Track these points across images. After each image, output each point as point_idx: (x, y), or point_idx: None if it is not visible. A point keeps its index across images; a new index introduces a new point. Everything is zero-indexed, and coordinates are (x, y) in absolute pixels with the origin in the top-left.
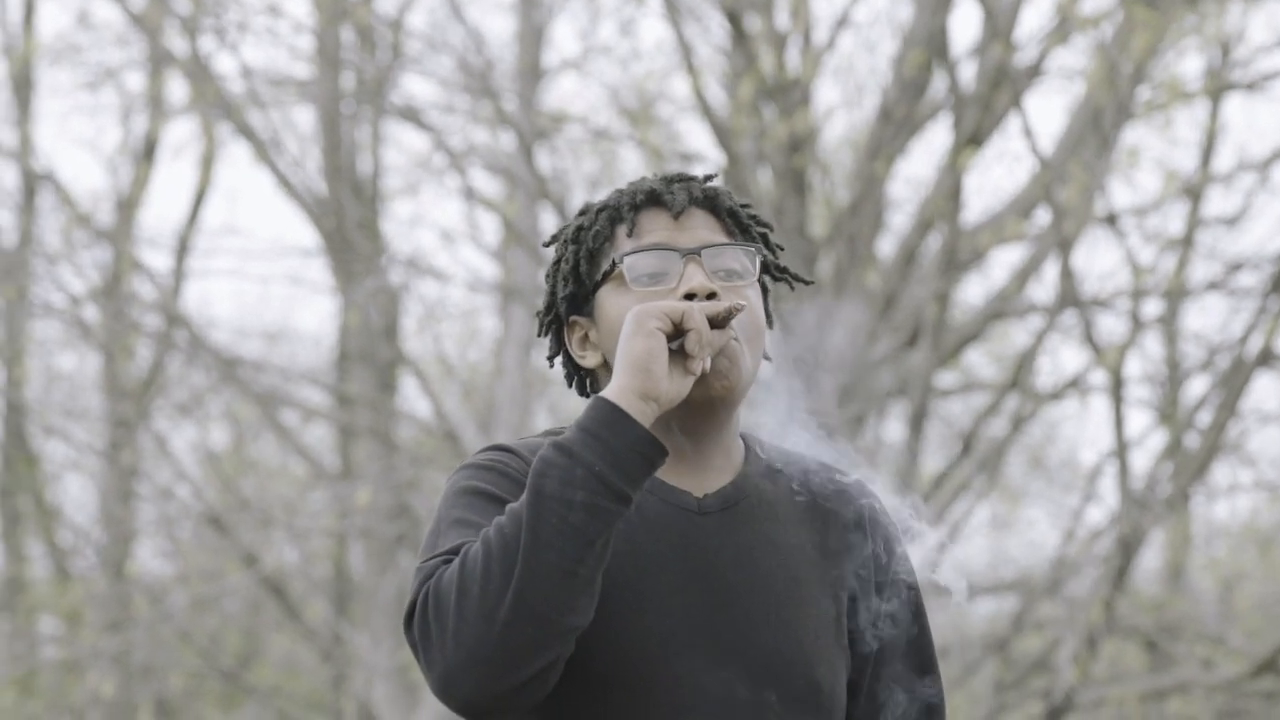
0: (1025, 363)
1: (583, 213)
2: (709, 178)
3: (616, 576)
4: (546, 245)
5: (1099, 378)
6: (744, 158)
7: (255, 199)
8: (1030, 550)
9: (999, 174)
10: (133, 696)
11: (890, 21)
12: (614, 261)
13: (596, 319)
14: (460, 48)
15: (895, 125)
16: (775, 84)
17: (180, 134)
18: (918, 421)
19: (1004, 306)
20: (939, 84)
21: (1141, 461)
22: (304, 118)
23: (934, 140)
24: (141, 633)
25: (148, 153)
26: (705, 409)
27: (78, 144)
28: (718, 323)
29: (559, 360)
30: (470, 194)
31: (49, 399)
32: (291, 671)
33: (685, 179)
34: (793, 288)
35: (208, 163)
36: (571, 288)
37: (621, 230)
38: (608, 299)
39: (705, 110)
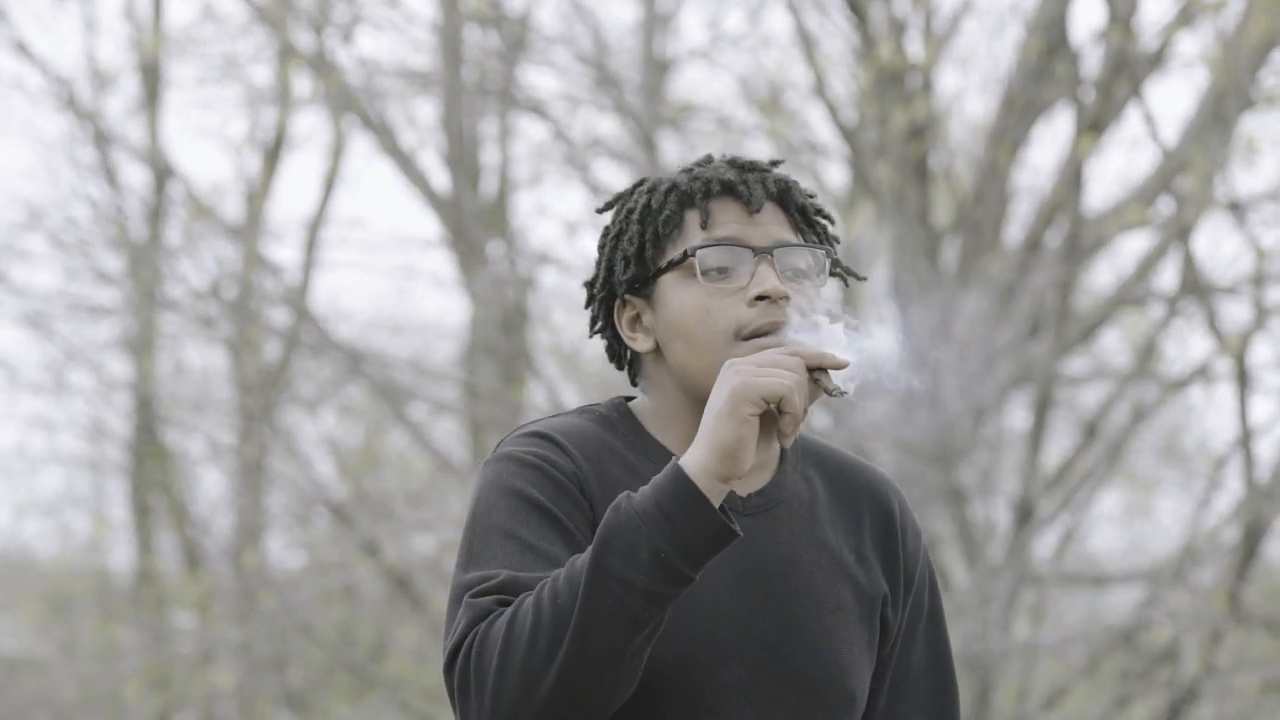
0: (1149, 350)
1: (648, 189)
2: (775, 163)
3: None
4: (601, 211)
5: (1224, 365)
6: (865, 146)
7: (376, 191)
8: (1163, 540)
9: (1121, 161)
10: (260, 689)
11: (1013, 6)
12: (686, 252)
13: (655, 304)
14: (583, 38)
15: (1018, 112)
16: (896, 71)
17: (306, 126)
18: (1041, 410)
19: (1127, 294)
20: (1061, 70)
21: (1268, 450)
22: (427, 110)
23: (1057, 127)
24: (265, 625)
25: (275, 146)
26: (768, 432)
27: (204, 137)
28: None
29: (595, 333)
30: (594, 186)
31: (179, 392)
32: (419, 664)
33: (758, 169)
34: (848, 284)
35: (336, 155)
36: (634, 270)
37: (692, 217)
38: (672, 288)
39: (826, 99)
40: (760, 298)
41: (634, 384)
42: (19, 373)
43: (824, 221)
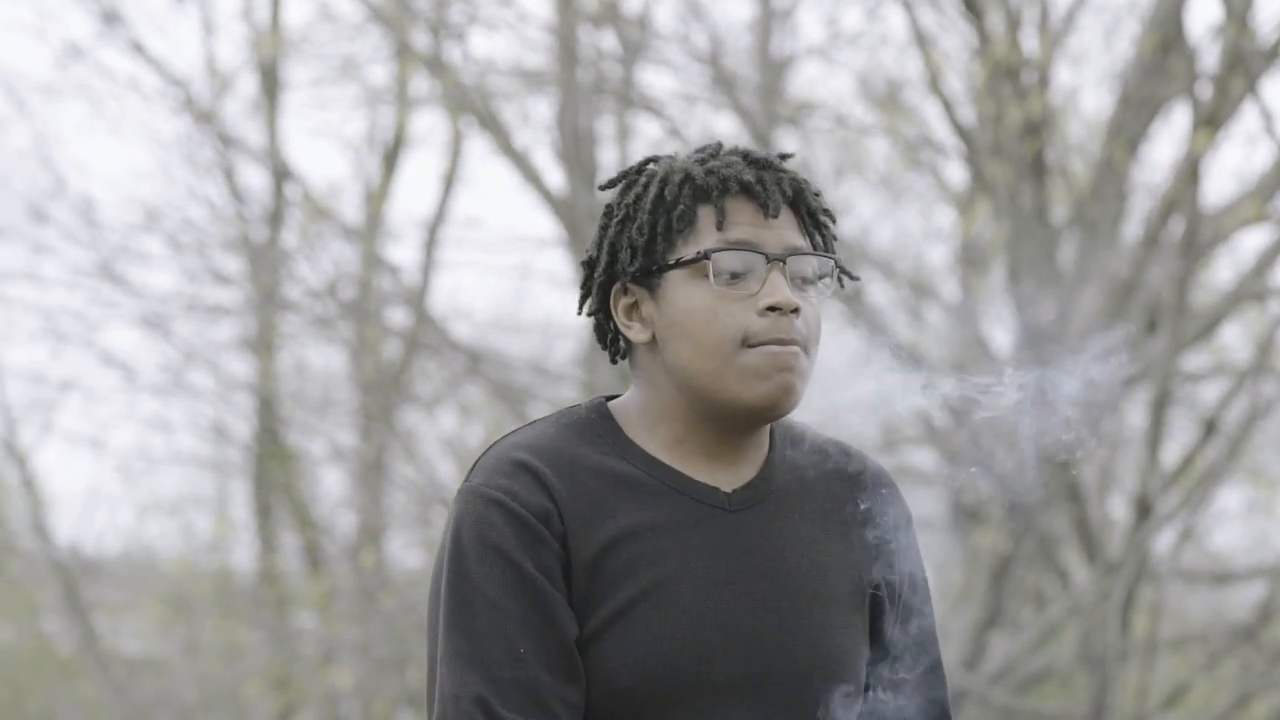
0: (1268, 346)
1: (661, 178)
2: (785, 157)
3: (643, 585)
4: (604, 189)
5: None
6: (981, 144)
7: (493, 190)
8: None
9: (1238, 157)
10: (380, 689)
11: (1129, 2)
12: (701, 254)
13: (659, 298)
14: (697, 37)
15: (1134, 108)
16: (1011, 67)
17: (423, 126)
18: (1160, 407)
19: (1246, 289)
20: (1177, 66)
21: None
22: (543, 109)
23: (1174, 123)
24: (385, 625)
25: (393, 146)
26: (761, 419)
27: (321, 138)
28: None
29: (588, 313)
30: None
31: (300, 393)
32: None
33: (774, 168)
34: (843, 285)
35: (454, 155)
36: (642, 261)
37: (706, 214)
38: (679, 285)
39: (941, 96)
40: (771, 308)
41: (613, 361)
42: (138, 374)
43: (830, 224)
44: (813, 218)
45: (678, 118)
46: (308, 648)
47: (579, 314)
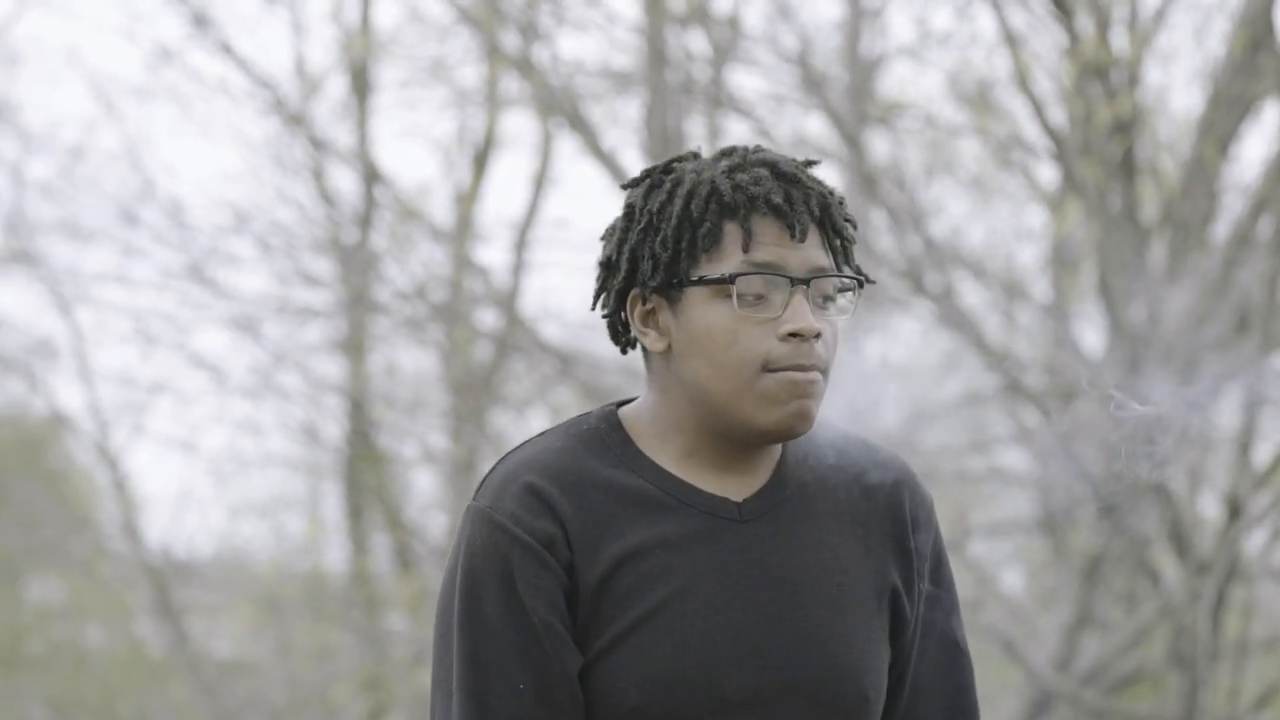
0: None
1: (687, 191)
2: (811, 163)
3: (652, 603)
4: (625, 188)
5: None
6: (1071, 143)
7: (583, 191)
8: None
9: None
10: None
11: (1219, 1)
12: (726, 277)
13: (678, 311)
14: (786, 37)
15: (1225, 106)
16: (1101, 66)
17: (513, 127)
18: (1250, 407)
19: None
20: (1268, 64)
21: None
22: (631, 110)
23: (1265, 121)
24: None
25: (483, 148)
26: (774, 441)
27: (411, 139)
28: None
29: (603, 314)
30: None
31: (391, 394)
32: None
33: (803, 185)
34: (862, 286)
35: (544, 156)
36: (663, 276)
37: (732, 231)
38: (701, 303)
39: (1031, 95)
40: (792, 334)
41: (623, 352)
42: (229, 376)
43: (853, 238)
44: (837, 232)
45: (767, 118)
46: (398, 649)
47: (592, 309)
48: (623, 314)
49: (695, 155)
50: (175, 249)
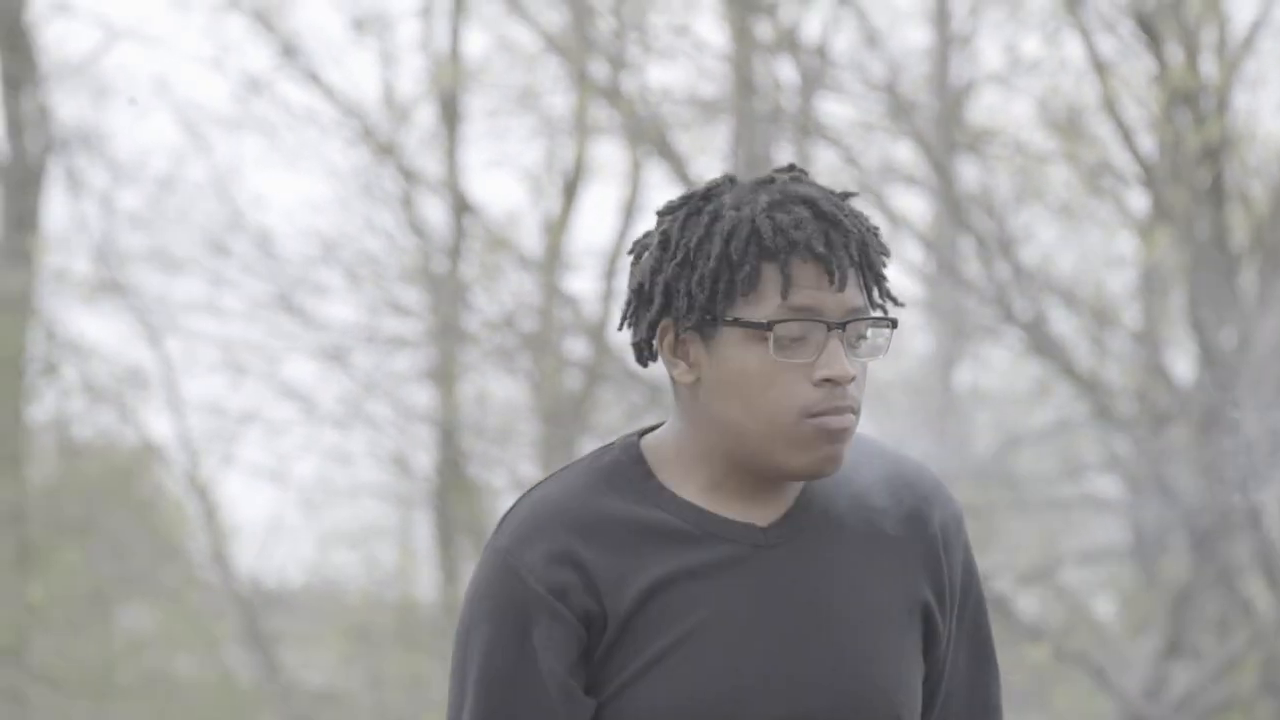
0: None
1: (726, 232)
2: (848, 195)
3: (676, 634)
4: (662, 214)
5: None
6: (1160, 170)
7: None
8: None
9: None
10: None
11: None
12: (766, 323)
13: (711, 350)
14: (874, 65)
15: None
16: (1189, 92)
17: (601, 155)
18: None
19: None
20: None
21: None
22: (719, 138)
23: None
24: None
25: (573, 177)
26: (800, 481)
27: (500, 168)
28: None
29: (633, 341)
30: (890, 212)
31: (482, 424)
32: None
33: (844, 228)
34: (895, 326)
35: (633, 184)
36: (699, 316)
37: (770, 274)
38: (736, 345)
39: (1120, 122)
40: (825, 380)
41: (643, 365)
42: (317, 406)
43: (887, 274)
44: (874, 272)
45: (854, 145)
46: None
47: (619, 330)
48: (652, 342)
49: (732, 181)
50: (264, 279)
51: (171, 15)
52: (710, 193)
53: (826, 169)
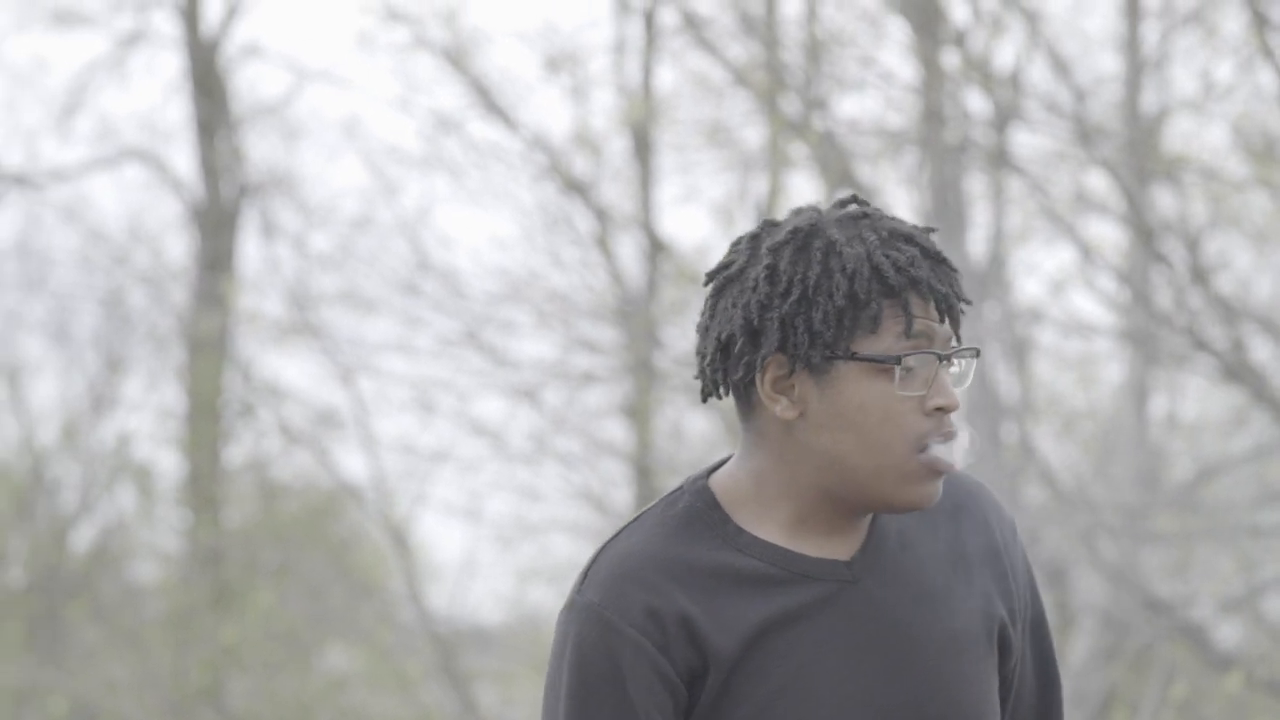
0: None
1: (849, 269)
2: (930, 230)
3: (780, 680)
4: (774, 250)
5: None
6: None
7: None
8: None
9: None
10: None
11: None
12: (894, 358)
13: (824, 385)
14: (1063, 93)
15: None
16: None
17: (794, 186)
18: None
19: None
20: None
21: None
22: (908, 169)
23: None
24: None
25: (767, 209)
26: (906, 511)
27: (691, 202)
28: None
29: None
30: (1083, 243)
31: (677, 459)
32: None
33: (947, 266)
34: (978, 355)
35: None
36: (819, 351)
37: (892, 311)
38: (855, 380)
39: None
40: (939, 408)
41: (704, 400)
42: (509, 443)
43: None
44: (962, 303)
45: (1045, 174)
46: None
47: (707, 361)
48: (751, 377)
49: (817, 210)
50: (452, 316)
51: (359, 57)
52: (813, 228)
53: (1017, 199)
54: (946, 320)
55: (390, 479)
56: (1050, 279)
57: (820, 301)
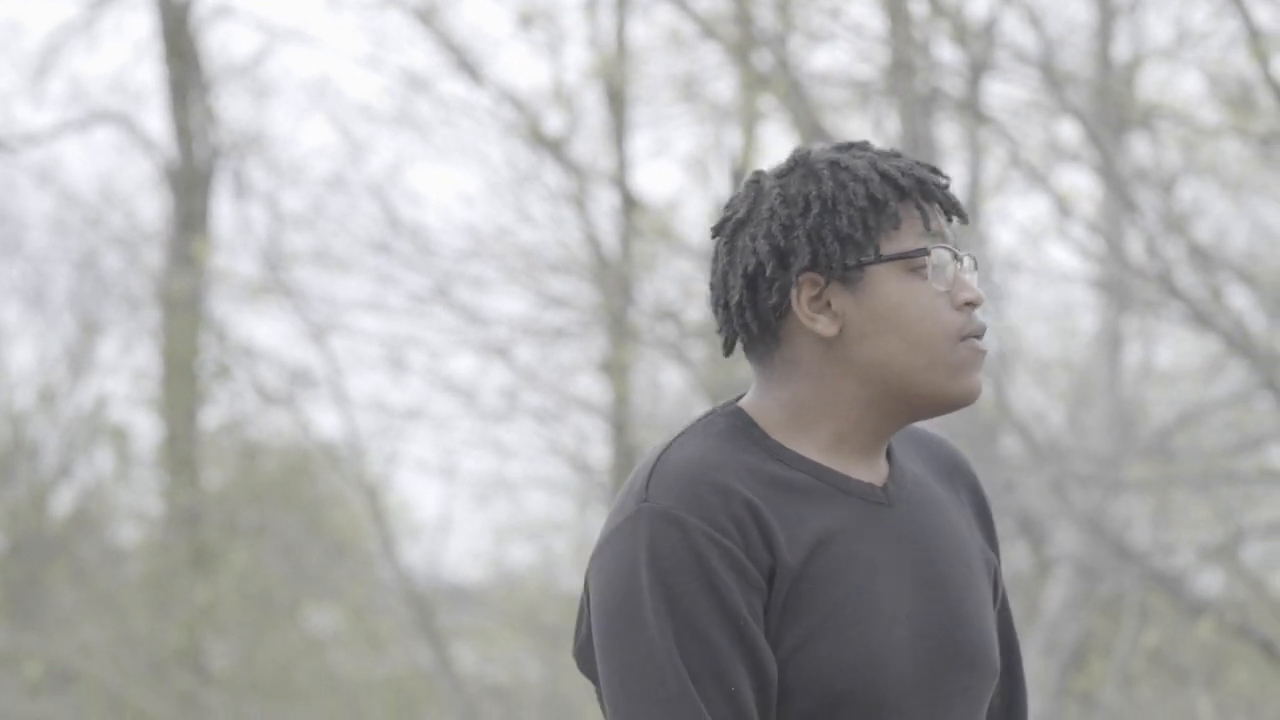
0: None
1: (860, 176)
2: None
3: (845, 589)
4: (780, 177)
5: None
6: None
7: None
8: None
9: None
10: None
11: None
12: (923, 249)
13: (859, 293)
14: (1033, 42)
15: None
16: None
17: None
18: None
19: None
20: None
21: None
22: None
23: None
24: None
25: (741, 164)
26: (951, 410)
27: (663, 156)
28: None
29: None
30: (1056, 194)
31: (656, 415)
32: None
33: (940, 172)
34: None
35: None
36: (851, 254)
37: (909, 212)
38: (889, 282)
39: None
40: (968, 303)
41: (726, 353)
42: (479, 399)
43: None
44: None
45: (1017, 125)
46: None
47: (736, 302)
48: (785, 303)
49: (805, 148)
50: (423, 274)
51: (328, 15)
52: (811, 154)
53: (990, 149)
54: (954, 219)
55: (364, 437)
56: (1024, 229)
57: (842, 209)
